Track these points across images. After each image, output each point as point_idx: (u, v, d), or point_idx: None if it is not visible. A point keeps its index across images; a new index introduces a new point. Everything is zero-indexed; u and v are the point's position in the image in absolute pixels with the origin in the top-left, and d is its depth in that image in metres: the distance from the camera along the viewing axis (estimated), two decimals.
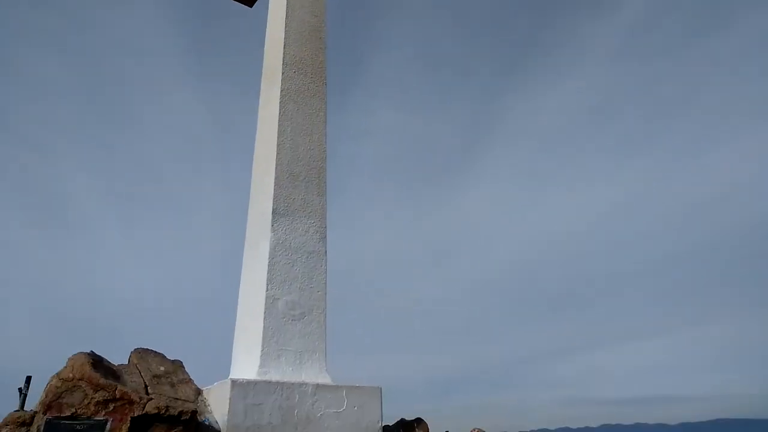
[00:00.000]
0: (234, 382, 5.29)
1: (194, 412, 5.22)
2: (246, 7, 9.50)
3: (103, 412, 5.19)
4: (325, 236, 6.92)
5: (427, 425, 7.25)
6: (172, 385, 5.39)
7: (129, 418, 5.18)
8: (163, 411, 5.21)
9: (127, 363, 5.57)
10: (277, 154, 6.83)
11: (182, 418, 5.21)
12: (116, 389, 5.21)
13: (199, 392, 5.56)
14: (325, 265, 6.82)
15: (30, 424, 5.20)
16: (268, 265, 6.29)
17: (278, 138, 6.91)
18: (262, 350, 5.89)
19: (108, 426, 5.19)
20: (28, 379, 5.22)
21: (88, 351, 5.26)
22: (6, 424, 5.20)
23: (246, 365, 5.96)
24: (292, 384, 5.69)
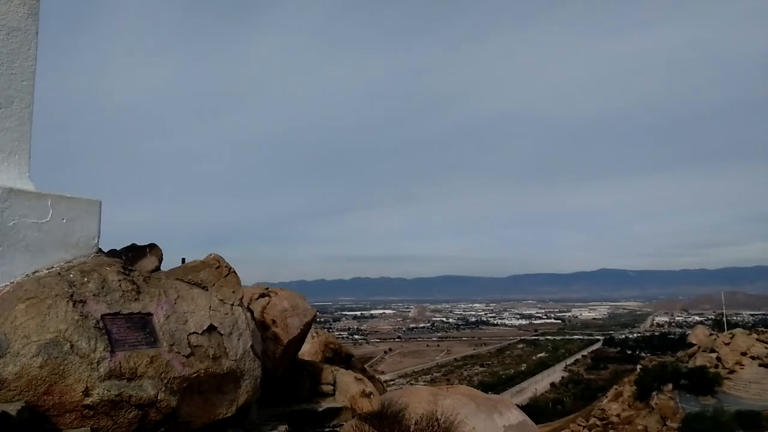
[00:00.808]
0: None
1: None
2: None
3: None
4: (38, 12, 5.43)
5: (161, 251, 6.95)
6: None
7: None
8: None
9: None
10: None
11: None
12: None
13: None
14: (35, 50, 5.43)
15: None
16: None
17: None
18: None
19: None
20: None
21: None
22: None
23: None
24: None
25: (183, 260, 7.36)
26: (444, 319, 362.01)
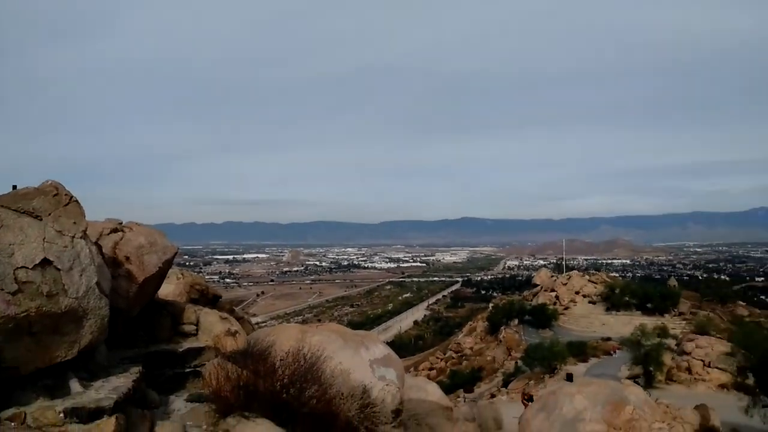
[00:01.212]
0: None
1: None
2: None
3: None
4: None
5: None
6: None
7: None
8: None
9: None
10: None
11: None
12: None
13: None
14: None
15: None
16: None
17: None
18: None
19: None
20: None
21: None
22: None
23: None
24: None
25: (14, 187, 6.28)
26: (317, 262, 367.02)
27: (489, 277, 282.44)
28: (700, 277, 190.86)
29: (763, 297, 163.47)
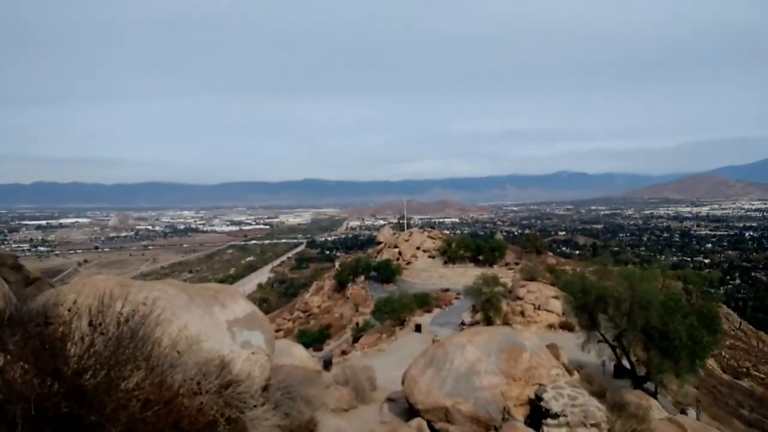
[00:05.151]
0: None
1: None
2: None
3: None
4: None
5: None
6: None
7: None
8: None
9: None
10: None
11: None
12: None
13: None
14: None
15: None
16: None
17: None
18: None
19: None
20: None
21: None
22: None
23: None
24: None
25: None
26: (150, 227, 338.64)
27: (333, 237, 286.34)
28: (516, 233, 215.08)
29: (564, 248, 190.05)
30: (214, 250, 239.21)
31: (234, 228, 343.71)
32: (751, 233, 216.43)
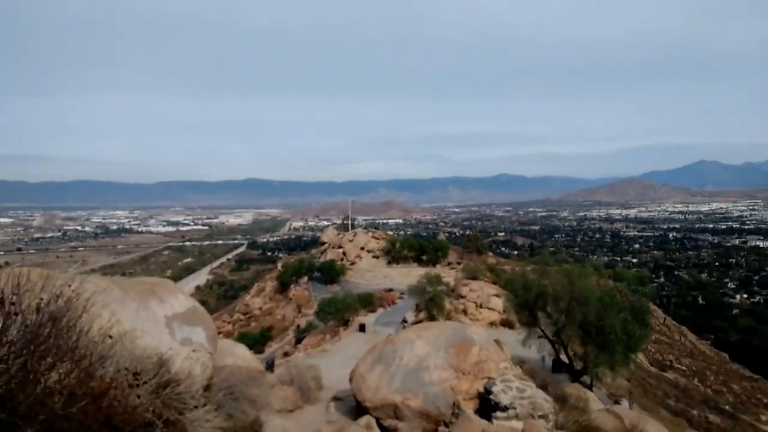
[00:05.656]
0: None
1: None
2: None
3: None
4: None
5: None
6: None
7: None
8: None
9: None
10: None
11: None
12: None
13: None
14: None
15: None
16: None
17: None
18: None
19: None
20: None
21: None
22: None
23: None
24: None
25: None
26: (79, 227, 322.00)
27: (275, 238, 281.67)
28: (458, 234, 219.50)
29: (504, 249, 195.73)
30: (150, 252, 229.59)
31: (171, 229, 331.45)
32: (674, 234, 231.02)
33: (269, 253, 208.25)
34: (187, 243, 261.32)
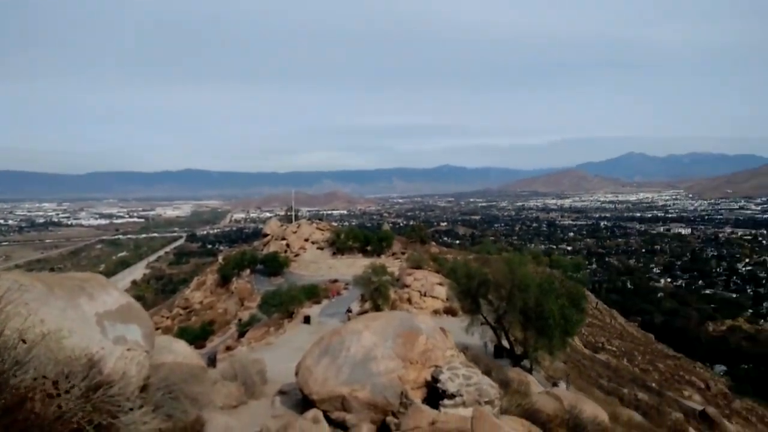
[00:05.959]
0: None
1: None
2: None
3: None
4: None
5: None
6: None
7: None
8: None
9: None
10: None
11: None
12: None
13: None
14: None
15: None
16: None
17: None
18: None
19: None
20: None
21: None
22: None
23: None
24: None
25: None
26: (2, 221, 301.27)
27: (215, 230, 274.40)
28: (402, 224, 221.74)
29: (446, 238, 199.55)
30: (81, 246, 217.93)
31: (104, 221, 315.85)
32: (605, 223, 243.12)
33: (209, 246, 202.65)
34: (122, 236, 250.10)
